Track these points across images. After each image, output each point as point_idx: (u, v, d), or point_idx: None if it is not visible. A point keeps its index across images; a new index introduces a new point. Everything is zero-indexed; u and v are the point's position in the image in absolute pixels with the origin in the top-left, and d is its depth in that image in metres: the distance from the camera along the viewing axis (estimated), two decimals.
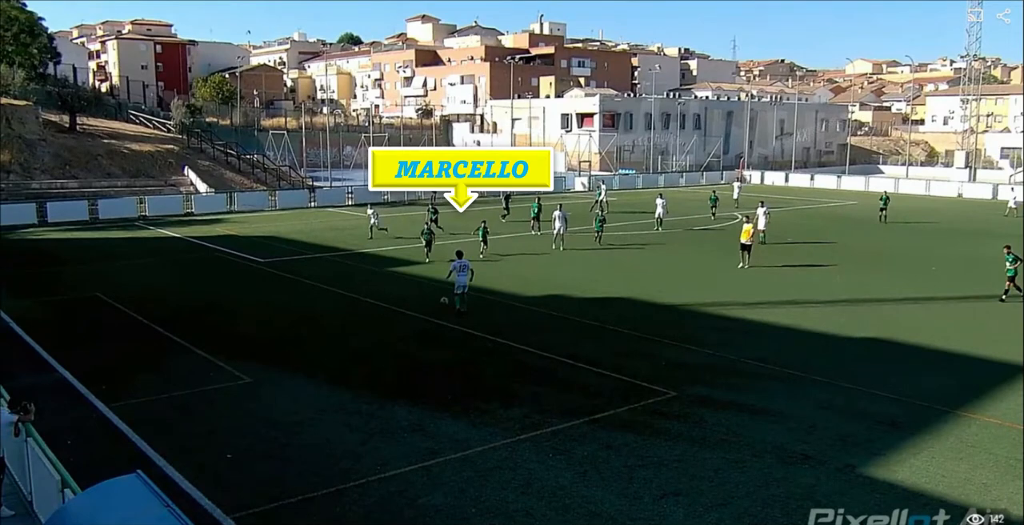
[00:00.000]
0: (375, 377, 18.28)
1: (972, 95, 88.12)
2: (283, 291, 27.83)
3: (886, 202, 46.32)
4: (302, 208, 53.66)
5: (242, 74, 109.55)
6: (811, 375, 18.06)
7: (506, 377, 18.26)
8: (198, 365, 18.93)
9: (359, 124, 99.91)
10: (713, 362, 19.20)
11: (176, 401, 16.56)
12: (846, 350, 20.48)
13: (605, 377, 17.99)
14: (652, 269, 32.14)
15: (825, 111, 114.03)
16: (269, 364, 18.96)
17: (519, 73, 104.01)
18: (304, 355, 19.97)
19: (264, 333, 22.15)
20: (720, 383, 17.68)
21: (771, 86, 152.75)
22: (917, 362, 19.50)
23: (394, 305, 24.82)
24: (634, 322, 22.87)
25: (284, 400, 16.58)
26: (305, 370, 18.57)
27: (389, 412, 15.83)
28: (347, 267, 32.22)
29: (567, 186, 68.05)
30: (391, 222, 42.98)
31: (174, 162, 60.63)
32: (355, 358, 19.85)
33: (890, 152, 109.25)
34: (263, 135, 73.79)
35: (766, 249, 34.74)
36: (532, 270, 31.46)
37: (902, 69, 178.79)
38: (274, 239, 39.44)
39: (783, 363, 18.94)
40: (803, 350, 20.55)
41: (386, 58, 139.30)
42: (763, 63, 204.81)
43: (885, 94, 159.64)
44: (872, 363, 19.27)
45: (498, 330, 21.89)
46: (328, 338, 21.78)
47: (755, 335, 21.86)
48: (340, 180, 63.46)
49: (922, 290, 27.46)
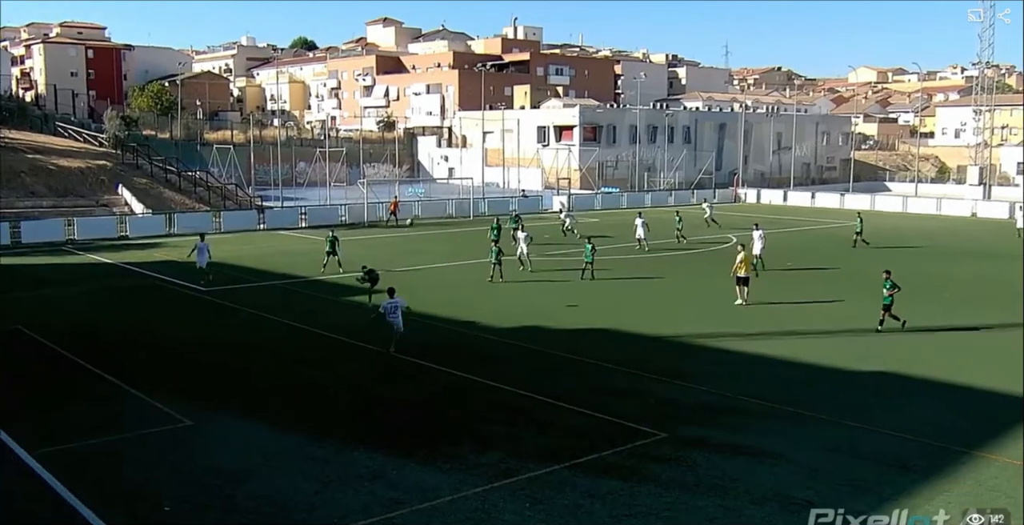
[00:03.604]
0: (331, 418, 18.13)
1: (985, 106, 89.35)
2: (228, 323, 27.63)
3: (861, 223, 46.64)
4: (250, 231, 53.44)
5: (183, 82, 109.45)
6: (815, 413, 18.11)
7: (477, 417, 18.18)
8: (132, 406, 18.70)
9: (314, 138, 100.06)
10: (707, 399, 19.22)
11: (107, 447, 16.33)
12: (852, 385, 20.58)
13: (587, 417, 17.95)
14: (637, 296, 32.24)
15: (826, 123, 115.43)
16: (212, 404, 18.76)
17: (491, 81, 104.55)
18: (251, 394, 19.79)
19: (206, 370, 21.94)
20: (715, 423, 17.69)
21: (767, 96, 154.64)
22: (929, 397, 19.61)
23: (353, 337, 24.68)
24: (619, 355, 22.87)
25: (229, 445, 16.40)
26: (252, 411, 18.40)
27: (347, 457, 15.70)
28: (300, 296, 32.07)
29: (544, 206, 68.25)
30: (347, 246, 42.89)
31: (107, 180, 60.25)
32: (309, 397, 19.69)
33: (897, 168, 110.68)
34: (207, 150, 73.62)
35: (763, 275, 34.95)
36: (504, 297, 31.45)
37: (909, 77, 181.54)
38: (219, 265, 39.13)
39: (784, 400, 18.98)
40: (805, 385, 20.63)
41: (344, 65, 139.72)
42: (758, 71, 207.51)
43: (891, 105, 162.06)
44: (880, 399, 19.37)
45: (468, 364, 21.81)
46: (278, 375, 21.60)
47: (753, 369, 21.92)
48: (292, 200, 63.34)
49: (932, 318, 27.69)
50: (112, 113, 76.89)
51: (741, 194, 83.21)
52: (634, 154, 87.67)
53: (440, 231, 53.66)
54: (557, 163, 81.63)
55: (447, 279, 35.97)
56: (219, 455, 15.87)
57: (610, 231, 50.68)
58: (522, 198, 68.26)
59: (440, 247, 45.75)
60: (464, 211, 62.95)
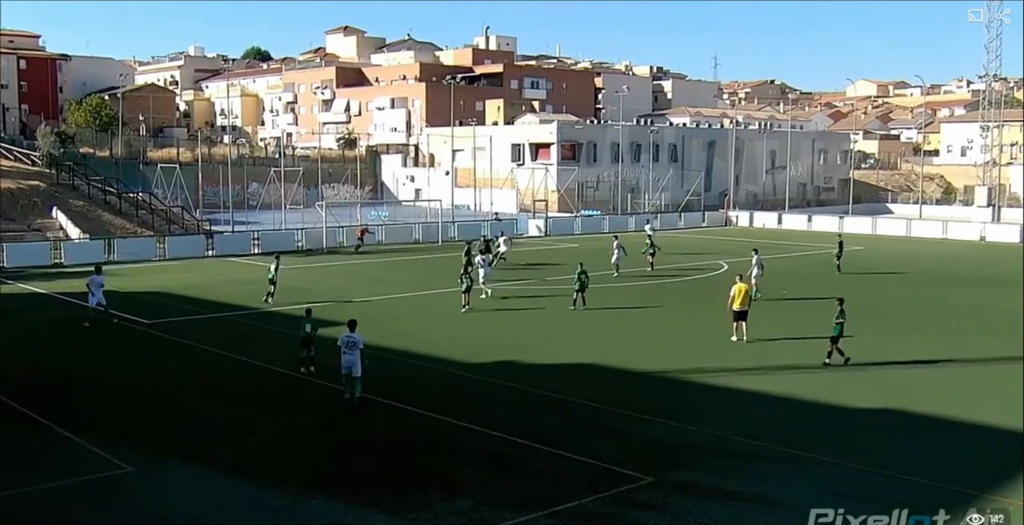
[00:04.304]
0: (287, 463, 18.05)
1: (993, 121, 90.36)
2: (173, 359, 27.47)
3: (841, 247, 47.11)
4: (197, 258, 53.19)
5: (125, 95, 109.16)
6: (813, 454, 18.19)
7: (447, 461, 18.14)
8: (68, 451, 18.55)
9: (268, 156, 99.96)
10: (697, 440, 19.28)
11: (40, 495, 16.15)
12: (852, 423, 20.72)
13: (567, 460, 17.95)
14: (619, 328, 32.32)
15: (823, 140, 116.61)
16: (156, 449, 18.62)
17: (461, 95, 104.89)
18: (199, 437, 19.68)
19: (150, 411, 21.79)
20: (706, 465, 17.73)
21: (760, 111, 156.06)
22: (936, 436, 19.77)
23: (311, 375, 24.58)
24: (600, 392, 22.91)
25: (175, 494, 16.28)
26: (201, 456, 18.28)
27: (304, 507, 15.63)
28: (252, 329, 31.94)
29: (519, 230, 68.39)
30: (304, 274, 42.82)
31: (40, 202, 59.91)
32: (262, 440, 19.59)
33: (900, 188, 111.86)
34: (150, 169, 73.38)
35: (755, 305, 35.08)
36: (474, 329, 31.51)
37: (912, 91, 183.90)
38: (163, 295, 38.99)
39: (779, 440, 19.07)
40: (803, 424, 20.75)
41: (301, 77, 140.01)
42: (750, 84, 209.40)
43: (892, 120, 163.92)
44: (884, 438, 19.51)
45: (436, 403, 21.77)
46: (229, 416, 21.49)
47: (746, 407, 22.03)
48: (244, 223, 63.09)
49: (937, 351, 27.94)
50: (46, 129, 76.60)
51: (732, 217, 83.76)
52: (616, 174, 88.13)
53: (406, 258, 53.62)
54: (533, 184, 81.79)
55: (413, 310, 35.92)
56: (165, 505, 15.75)
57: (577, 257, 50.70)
58: (495, 222, 68.41)
59: (405, 275, 45.73)
60: (432, 236, 62.93)
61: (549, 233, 69.79)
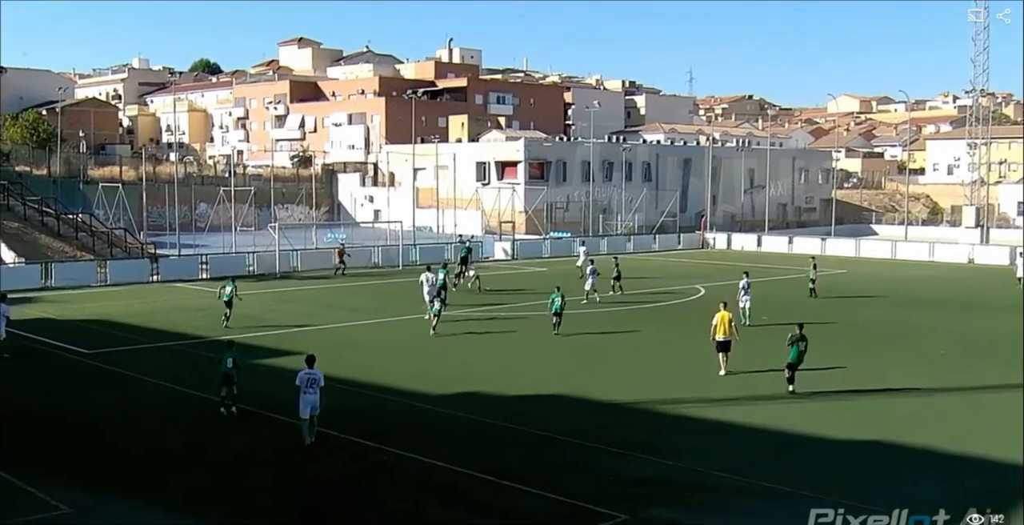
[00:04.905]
0: (240, 502, 17.93)
1: (981, 138, 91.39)
2: (115, 391, 27.22)
3: (815, 270, 47.52)
4: (141, 283, 52.81)
5: (64, 110, 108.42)
6: (798, 489, 18.20)
7: (409, 499, 18.04)
8: None
9: (217, 175, 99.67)
10: (674, 476, 19.28)
11: None
12: (839, 456, 20.78)
13: (536, 497, 17.90)
14: (591, 356, 32.33)
15: (804, 158, 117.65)
16: (97, 488, 18.43)
17: (422, 111, 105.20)
18: (144, 475, 19.44)
19: (90, 447, 21.54)
20: (684, 502, 17.74)
21: (737, 128, 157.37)
22: (927, 469, 19.86)
23: (263, 407, 24.42)
24: (572, 425, 22.87)
25: None
26: (144, 493, 18.11)
27: None
28: (200, 359, 31.63)
29: (485, 254, 68.35)
30: (256, 301, 42.60)
31: None
32: (213, 477, 19.43)
33: (885, 208, 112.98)
34: (91, 189, 72.98)
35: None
36: (438, 358, 31.43)
37: (896, 107, 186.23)
38: (104, 323, 38.66)
39: (763, 475, 19.09)
40: (787, 458, 20.80)
41: (253, 91, 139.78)
42: (727, 99, 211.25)
43: (876, 137, 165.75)
44: (873, 472, 19.54)
45: (397, 438, 21.67)
46: (177, 452, 21.25)
47: (726, 440, 22.07)
48: (192, 247, 62.75)
49: (926, 378, 28.14)
50: None
51: (709, 239, 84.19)
52: (587, 194, 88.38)
53: (364, 283, 53.47)
54: (499, 204, 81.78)
55: (373, 338, 35.80)
56: None
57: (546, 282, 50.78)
58: (459, 244, 68.31)
59: (364, 301, 45.58)
60: (392, 260, 62.70)
61: (517, 256, 69.80)
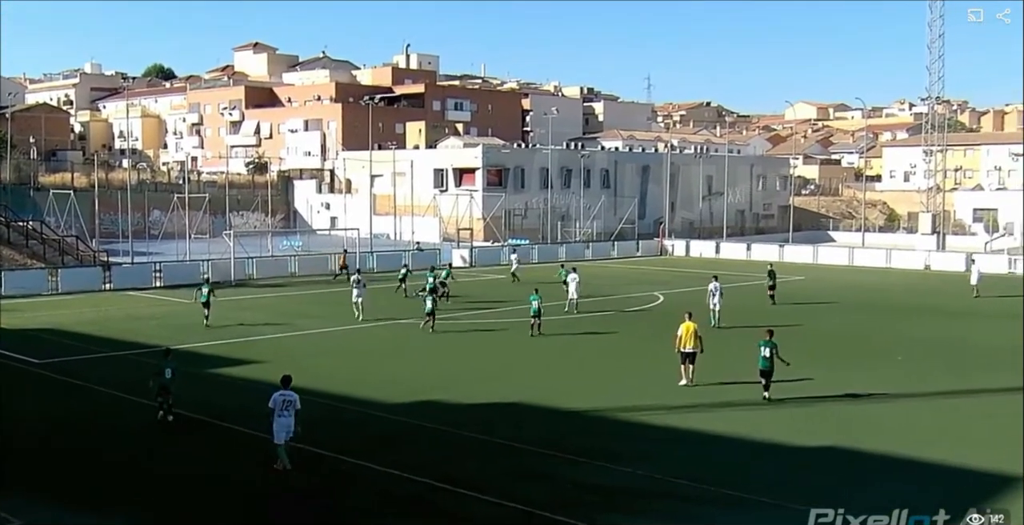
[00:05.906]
0: (196, 516, 17.80)
1: (936, 145, 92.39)
2: (67, 402, 26.98)
3: (773, 277, 47.93)
4: (93, 291, 52.33)
5: (14, 116, 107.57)
6: (757, 496, 18.29)
7: (366, 510, 18.02)
8: None
9: (171, 181, 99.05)
10: (632, 483, 19.31)
11: None
12: (798, 462, 20.94)
13: (493, 506, 17.87)
14: (551, 365, 32.33)
15: (762, 165, 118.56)
16: (47, 500, 18.27)
17: (379, 117, 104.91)
18: (97, 487, 19.28)
19: (40, 459, 21.31)
20: (643, 509, 17.78)
21: (695, 134, 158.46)
22: (889, 475, 19.96)
23: (220, 418, 24.29)
24: (530, 433, 22.89)
25: None
26: (98, 508, 17.95)
27: None
28: (152, 368, 31.36)
29: (443, 261, 68.21)
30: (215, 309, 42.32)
31: None
32: (167, 491, 19.25)
33: (842, 215, 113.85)
34: (42, 195, 72.26)
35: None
36: (399, 367, 31.35)
37: (852, 114, 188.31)
38: (55, 332, 38.27)
39: (722, 481, 19.14)
40: (746, 464, 20.86)
41: (207, 97, 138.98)
42: (685, 106, 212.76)
43: (833, 144, 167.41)
44: (833, 477, 19.70)
45: (354, 448, 21.62)
46: (130, 464, 21.08)
47: (685, 447, 22.14)
48: (145, 254, 62.29)
49: (883, 384, 28.35)
50: None
51: (668, 246, 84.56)
52: (546, 200, 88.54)
53: (321, 291, 53.28)
54: (457, 211, 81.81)
55: (330, 346, 35.66)
56: None
57: (506, 289, 50.88)
58: (417, 252, 68.26)
59: (322, 309, 45.43)
60: (349, 267, 62.39)
61: (475, 264, 69.75)
